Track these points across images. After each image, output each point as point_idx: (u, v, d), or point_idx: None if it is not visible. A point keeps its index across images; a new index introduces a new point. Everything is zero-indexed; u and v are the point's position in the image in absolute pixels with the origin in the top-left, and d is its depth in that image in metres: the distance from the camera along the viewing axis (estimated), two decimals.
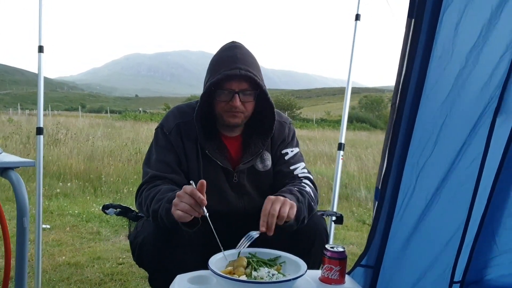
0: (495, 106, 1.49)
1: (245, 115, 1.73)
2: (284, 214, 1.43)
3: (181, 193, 1.41)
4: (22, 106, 50.79)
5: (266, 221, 1.42)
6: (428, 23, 1.41)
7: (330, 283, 1.39)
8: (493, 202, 1.65)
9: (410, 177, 1.59)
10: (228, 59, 1.68)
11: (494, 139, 1.53)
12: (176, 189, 1.60)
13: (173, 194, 1.51)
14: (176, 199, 1.42)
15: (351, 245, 4.09)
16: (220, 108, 1.71)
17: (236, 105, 1.66)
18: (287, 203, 1.46)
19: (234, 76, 1.64)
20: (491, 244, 1.74)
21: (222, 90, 1.67)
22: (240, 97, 1.66)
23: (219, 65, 1.69)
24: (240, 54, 1.69)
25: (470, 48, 1.43)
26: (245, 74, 1.64)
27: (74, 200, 5.59)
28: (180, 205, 1.40)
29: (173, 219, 1.46)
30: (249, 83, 1.67)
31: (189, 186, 1.41)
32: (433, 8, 1.39)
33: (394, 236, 1.68)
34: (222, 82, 1.65)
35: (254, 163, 1.81)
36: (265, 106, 1.78)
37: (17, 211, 1.39)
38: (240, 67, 1.64)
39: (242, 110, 1.70)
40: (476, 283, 1.83)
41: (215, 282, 1.32)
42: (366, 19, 2.94)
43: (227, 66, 1.65)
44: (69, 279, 2.87)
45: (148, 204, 1.59)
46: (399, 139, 1.54)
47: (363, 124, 36.58)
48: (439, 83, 1.47)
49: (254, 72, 1.67)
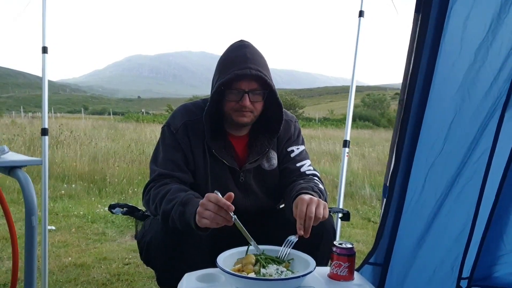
0: (504, 101, 1.48)
1: (254, 114, 1.72)
2: (320, 215, 1.40)
3: (205, 201, 1.39)
4: (25, 109, 50.94)
5: (303, 224, 1.39)
6: (436, 18, 1.39)
7: (339, 280, 1.38)
8: (501, 200, 1.64)
9: (419, 174, 1.58)
10: (238, 59, 1.66)
11: (502, 134, 1.52)
12: (186, 189, 1.61)
13: (186, 196, 1.52)
14: (200, 208, 1.40)
15: (357, 243, 4.07)
16: (229, 107, 1.70)
17: (246, 105, 1.65)
18: (321, 204, 1.44)
19: (244, 76, 1.62)
20: (499, 242, 1.74)
21: (231, 90, 1.66)
22: (249, 97, 1.65)
23: (228, 64, 1.67)
24: (249, 54, 1.67)
25: (479, 43, 1.41)
26: (256, 74, 1.62)
27: (79, 201, 5.61)
28: (205, 213, 1.37)
29: (186, 222, 1.46)
30: (259, 83, 1.66)
31: (212, 194, 1.39)
32: (440, 3, 1.38)
33: (403, 234, 1.67)
34: (232, 82, 1.64)
35: (261, 162, 1.81)
36: (272, 105, 1.77)
37: (26, 209, 1.39)
38: (251, 66, 1.63)
39: (251, 109, 1.69)
40: (484, 280, 1.82)
41: (224, 280, 1.32)
42: (370, 16, 2.92)
43: (237, 65, 1.63)
44: (76, 280, 2.87)
45: (158, 203, 1.59)
46: (407, 136, 1.53)
47: (366, 123, 36.53)
48: (448, 79, 1.45)
49: (264, 72, 1.65)
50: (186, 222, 1.47)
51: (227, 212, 1.36)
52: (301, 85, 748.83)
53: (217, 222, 1.37)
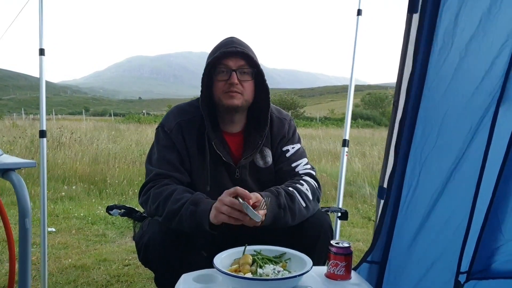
0: (498, 96, 1.48)
1: (244, 98, 1.74)
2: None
3: (223, 197, 1.47)
4: (26, 111, 51.03)
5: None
6: (429, 16, 1.40)
7: (336, 279, 1.38)
8: (499, 192, 1.64)
9: (413, 170, 1.58)
10: (225, 42, 1.76)
11: (497, 129, 1.52)
12: (191, 190, 1.64)
13: (196, 196, 1.57)
14: (217, 203, 1.48)
15: (357, 242, 4.07)
16: (219, 90, 1.73)
17: (234, 82, 1.69)
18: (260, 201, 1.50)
19: (230, 54, 1.69)
20: (497, 233, 1.73)
21: (219, 68, 1.71)
22: (237, 75, 1.70)
23: (216, 48, 1.76)
24: (236, 39, 1.78)
25: (470, 37, 1.41)
26: (242, 51, 1.70)
27: (79, 203, 5.61)
28: (223, 208, 1.45)
29: (198, 221, 1.50)
30: (246, 61, 1.72)
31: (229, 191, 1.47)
32: (434, 1, 1.38)
33: (400, 231, 1.67)
34: (220, 60, 1.70)
35: (255, 158, 1.82)
36: (262, 96, 1.80)
37: (19, 212, 1.39)
38: (237, 46, 1.71)
39: (240, 90, 1.72)
40: (482, 272, 1.82)
41: (221, 280, 1.32)
42: (368, 15, 2.92)
43: (223, 47, 1.72)
44: (76, 282, 2.87)
45: (161, 203, 1.60)
46: (403, 136, 1.53)
47: (367, 122, 36.50)
48: (440, 74, 1.46)
49: (250, 53, 1.73)
50: (197, 221, 1.51)
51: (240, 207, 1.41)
52: (302, 85, 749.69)
53: (234, 218, 1.43)
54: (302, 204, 1.64)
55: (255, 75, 1.75)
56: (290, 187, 1.67)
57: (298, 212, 1.62)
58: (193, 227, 1.53)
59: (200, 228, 1.51)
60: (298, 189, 1.67)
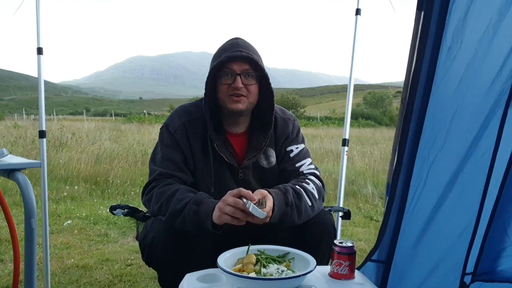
0: (507, 97, 1.47)
1: (249, 100, 1.74)
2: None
3: (227, 197, 1.46)
4: (27, 111, 51.09)
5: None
6: (438, 14, 1.38)
7: (339, 278, 1.38)
8: (504, 193, 1.63)
9: (420, 170, 1.57)
10: (230, 45, 1.74)
11: (506, 130, 1.51)
12: (194, 190, 1.64)
13: (199, 195, 1.57)
14: (221, 203, 1.47)
15: (359, 241, 4.07)
16: (223, 93, 1.73)
17: (238, 86, 1.68)
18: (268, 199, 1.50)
19: (235, 58, 1.68)
20: (503, 235, 1.72)
21: (224, 72, 1.70)
22: (242, 79, 1.69)
23: (220, 51, 1.75)
24: (241, 42, 1.76)
25: (479, 38, 1.40)
26: (247, 55, 1.68)
27: (81, 203, 5.62)
28: (226, 209, 1.44)
29: (200, 221, 1.50)
30: (250, 65, 1.71)
31: (233, 191, 1.46)
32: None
33: (406, 230, 1.67)
34: (224, 64, 1.69)
35: (258, 158, 1.82)
36: (265, 92, 1.79)
37: (25, 212, 1.39)
38: (242, 50, 1.70)
39: (245, 93, 1.71)
40: (488, 274, 1.81)
41: (225, 280, 1.32)
42: (367, 14, 2.92)
43: (228, 50, 1.71)
44: (78, 282, 2.88)
45: (164, 202, 1.60)
46: (409, 133, 1.53)
47: (368, 121, 36.46)
48: (449, 74, 1.45)
49: (255, 56, 1.71)
50: (199, 221, 1.50)
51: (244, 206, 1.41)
52: (302, 85, 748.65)
53: (238, 218, 1.43)
54: (309, 203, 1.64)
55: (260, 77, 1.75)
56: (297, 185, 1.67)
57: (304, 211, 1.61)
58: (196, 227, 1.53)
59: (203, 228, 1.51)
60: (305, 188, 1.67)
